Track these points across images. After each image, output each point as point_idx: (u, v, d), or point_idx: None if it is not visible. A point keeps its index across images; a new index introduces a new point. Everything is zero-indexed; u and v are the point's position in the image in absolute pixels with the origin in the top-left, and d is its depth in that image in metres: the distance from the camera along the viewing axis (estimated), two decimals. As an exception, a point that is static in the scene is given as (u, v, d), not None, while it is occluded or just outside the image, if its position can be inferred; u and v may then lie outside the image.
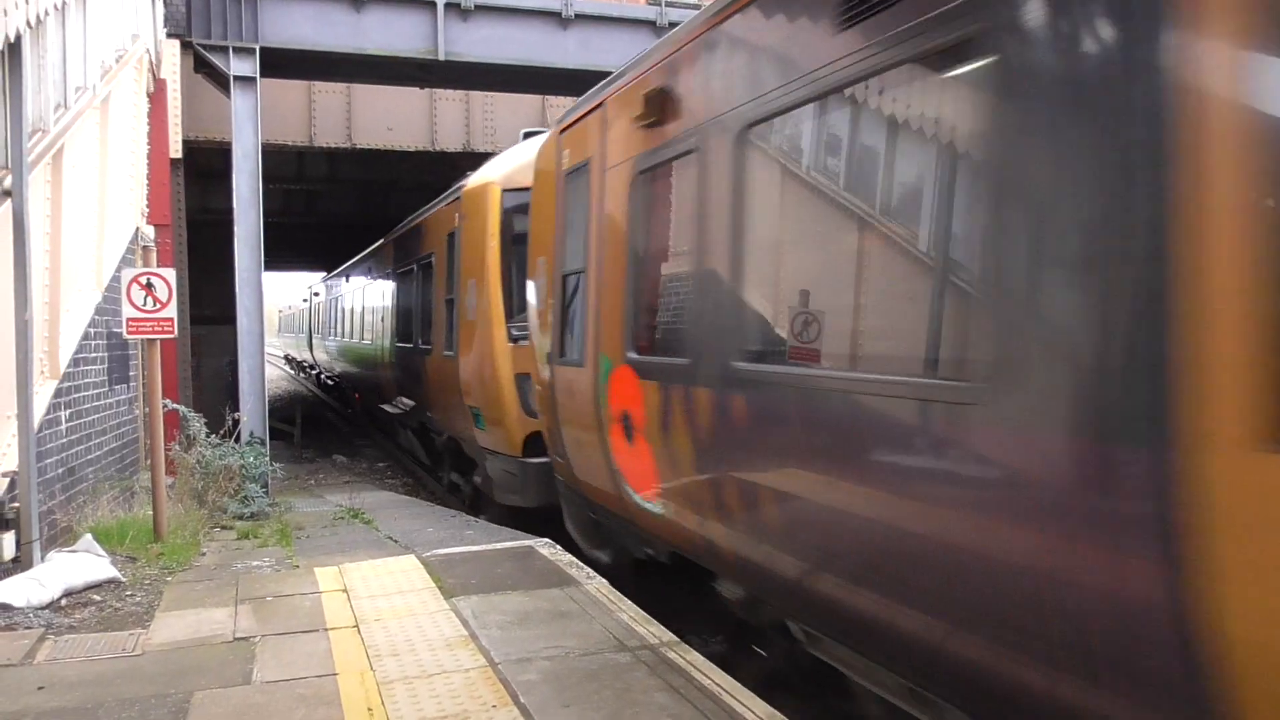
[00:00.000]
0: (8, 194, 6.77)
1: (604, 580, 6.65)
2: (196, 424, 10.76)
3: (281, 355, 57.84)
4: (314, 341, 33.76)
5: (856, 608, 3.71)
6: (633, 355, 5.64)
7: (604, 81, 6.59)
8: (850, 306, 3.94)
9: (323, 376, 32.89)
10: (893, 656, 3.62)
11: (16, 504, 6.80)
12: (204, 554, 8.33)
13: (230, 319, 12.96)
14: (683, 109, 5.11)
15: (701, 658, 5.06)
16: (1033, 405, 2.76)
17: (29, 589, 6.32)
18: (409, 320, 14.48)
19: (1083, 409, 2.63)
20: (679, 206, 5.28)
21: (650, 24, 13.34)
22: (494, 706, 4.50)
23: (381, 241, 18.31)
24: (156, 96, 12.25)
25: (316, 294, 33.55)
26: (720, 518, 4.69)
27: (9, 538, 6.72)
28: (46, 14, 7.35)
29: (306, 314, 38.35)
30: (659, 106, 5.27)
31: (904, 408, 3.34)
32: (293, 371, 51.68)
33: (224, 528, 9.69)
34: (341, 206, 26.24)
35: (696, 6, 11.93)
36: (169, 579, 7.24)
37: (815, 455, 3.93)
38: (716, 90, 4.76)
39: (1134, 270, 2.46)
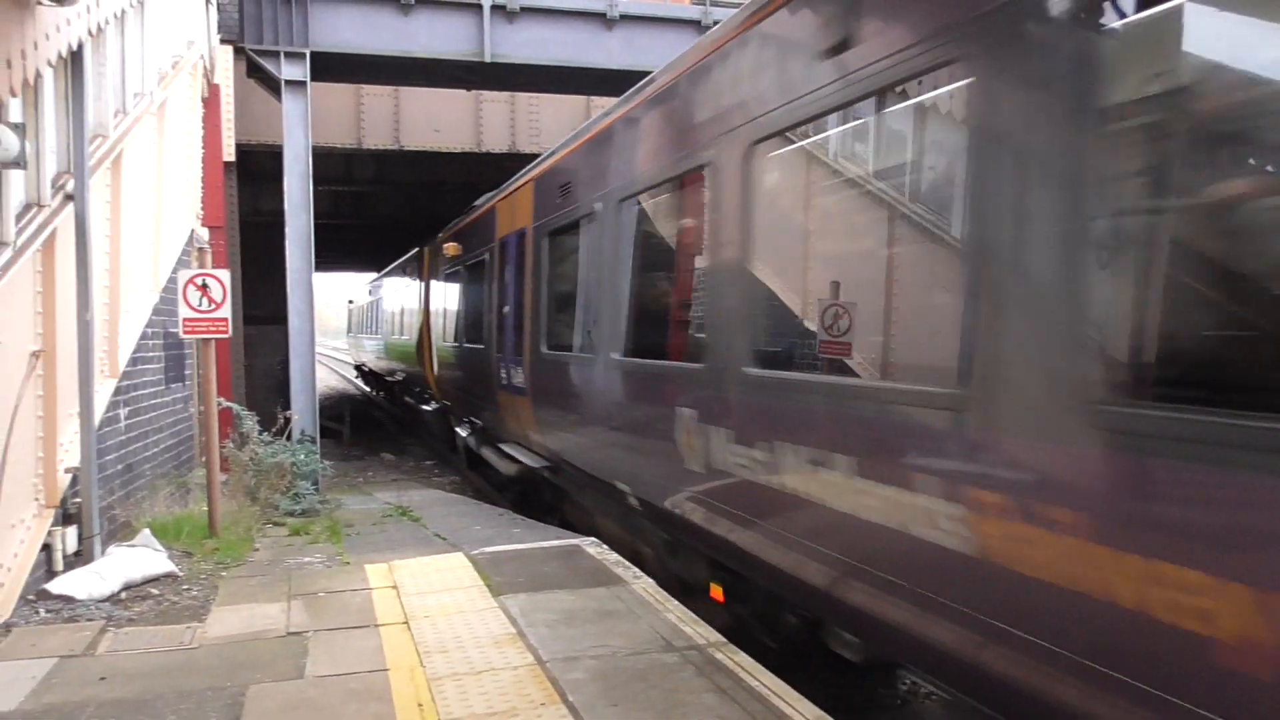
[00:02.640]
0: (70, 198, 6.95)
1: (650, 580, 6.66)
2: (249, 422, 10.95)
3: (353, 364, 43.02)
4: (436, 355, 16.98)
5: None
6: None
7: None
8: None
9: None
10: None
11: (79, 499, 6.99)
12: (257, 550, 8.48)
13: (280, 319, 13.17)
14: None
15: (749, 659, 5.04)
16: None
17: (90, 582, 6.49)
18: None
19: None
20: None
21: (695, 24, 13.33)
22: (542, 704, 4.53)
23: None
24: (210, 101, 12.49)
25: (451, 251, 15.09)
26: None
27: (71, 532, 6.90)
28: (106, 22, 7.53)
29: (417, 298, 19.67)
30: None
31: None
32: (370, 390, 35.87)
33: (276, 524, 9.85)
34: (389, 208, 26.53)
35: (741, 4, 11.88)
36: (223, 574, 7.38)
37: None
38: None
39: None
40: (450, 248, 14.29)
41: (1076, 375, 2.96)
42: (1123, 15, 2.98)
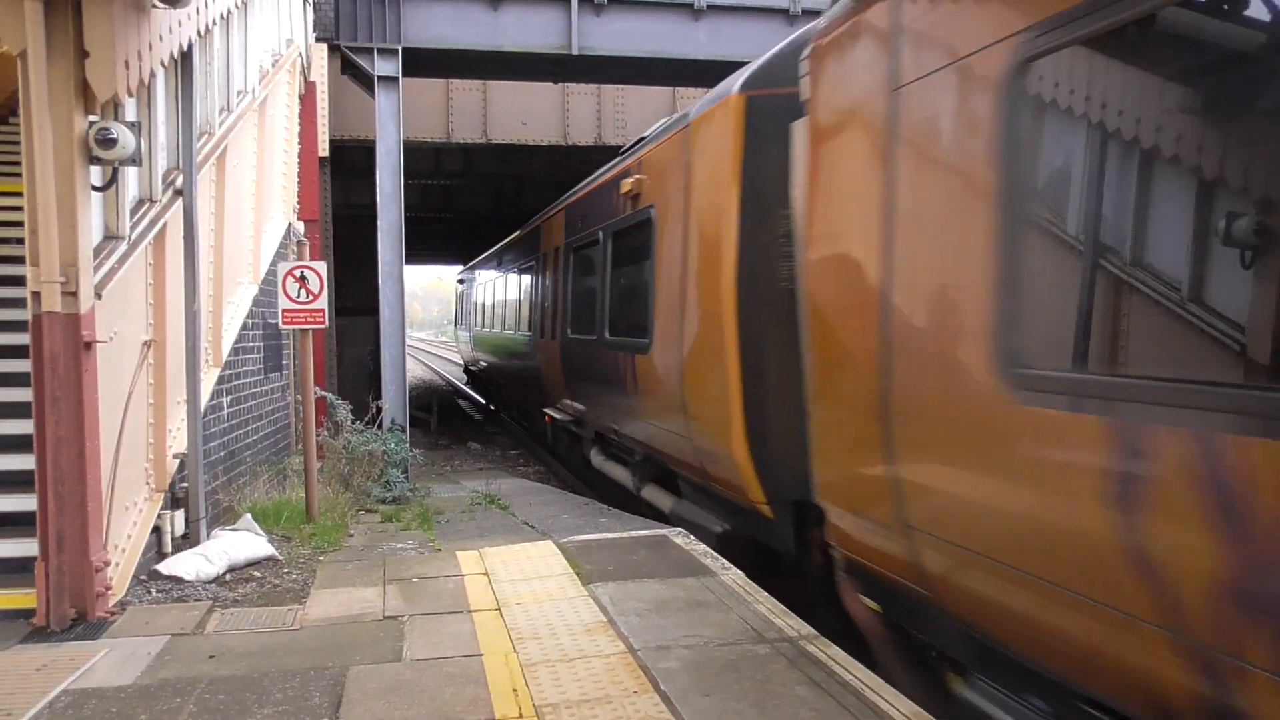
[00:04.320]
0: (179, 193, 7.22)
1: (740, 571, 6.64)
2: (343, 411, 11.25)
3: (464, 365, 33.01)
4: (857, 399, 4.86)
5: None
6: None
7: None
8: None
9: None
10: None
11: (185, 484, 7.26)
12: (352, 535, 8.70)
13: (370, 310, 13.50)
14: None
15: (842, 653, 4.99)
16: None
17: (197, 564, 6.75)
18: None
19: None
20: None
21: (783, 12, 13.20)
22: (635, 692, 4.55)
23: None
24: (307, 98, 12.82)
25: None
26: None
27: (179, 515, 7.18)
28: (214, 23, 7.79)
29: (656, 256, 8.19)
30: None
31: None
32: (488, 403, 26.71)
33: (368, 511, 10.10)
34: (476, 201, 26.94)
35: (831, -8, 11.70)
36: (321, 558, 7.59)
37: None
38: None
39: None
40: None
41: None
42: None
